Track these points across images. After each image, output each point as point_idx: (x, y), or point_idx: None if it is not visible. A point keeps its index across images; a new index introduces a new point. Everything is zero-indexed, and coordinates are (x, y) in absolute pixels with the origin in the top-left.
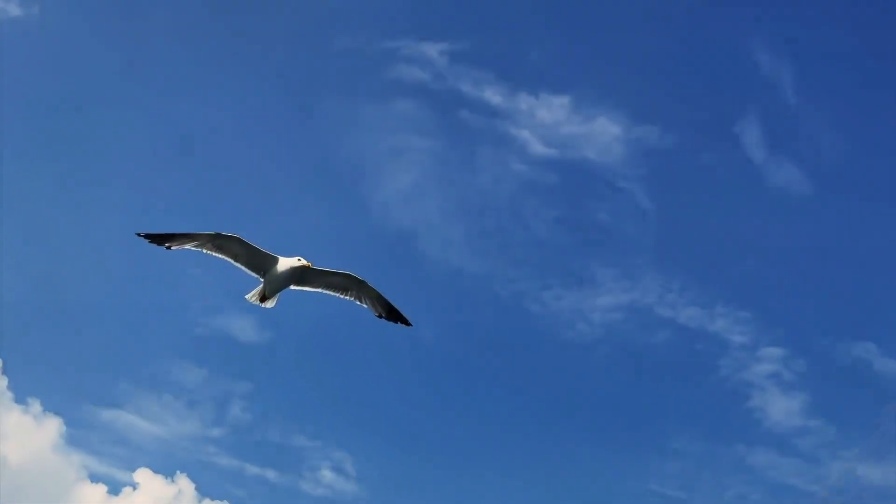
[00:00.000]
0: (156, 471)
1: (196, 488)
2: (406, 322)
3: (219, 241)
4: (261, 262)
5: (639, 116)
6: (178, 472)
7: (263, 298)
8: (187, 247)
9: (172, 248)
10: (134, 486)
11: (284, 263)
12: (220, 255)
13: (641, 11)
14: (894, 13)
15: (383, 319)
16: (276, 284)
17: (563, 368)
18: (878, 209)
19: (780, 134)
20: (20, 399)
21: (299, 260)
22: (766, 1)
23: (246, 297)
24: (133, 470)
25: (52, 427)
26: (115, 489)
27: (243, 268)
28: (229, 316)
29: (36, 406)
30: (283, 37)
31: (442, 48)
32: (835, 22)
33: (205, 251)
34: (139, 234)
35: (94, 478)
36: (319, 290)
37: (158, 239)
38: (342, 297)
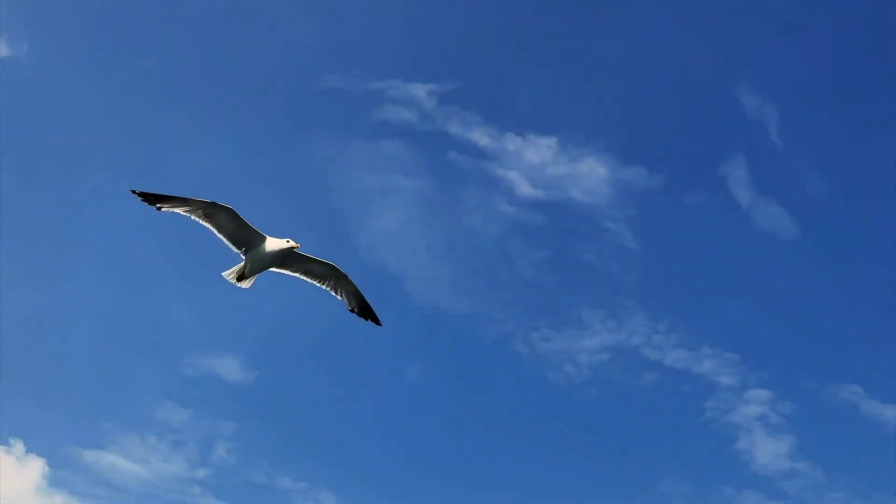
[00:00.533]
0: None
1: None
2: (377, 321)
3: (211, 210)
4: (246, 238)
5: (625, 158)
6: None
7: (241, 277)
8: (178, 210)
9: (163, 209)
10: None
11: (273, 243)
12: (206, 224)
13: (627, 53)
14: (878, 58)
15: (354, 314)
16: (258, 264)
17: (551, 410)
18: (862, 252)
19: (767, 176)
20: (2, 440)
21: (288, 241)
22: (751, 44)
23: (223, 273)
24: None
25: (35, 468)
26: None
27: (226, 240)
28: (215, 356)
29: (19, 446)
30: (272, 75)
31: (430, 89)
32: (819, 66)
33: (193, 217)
34: (134, 192)
35: None
36: (298, 274)
37: (152, 198)
38: (319, 285)
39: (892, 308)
